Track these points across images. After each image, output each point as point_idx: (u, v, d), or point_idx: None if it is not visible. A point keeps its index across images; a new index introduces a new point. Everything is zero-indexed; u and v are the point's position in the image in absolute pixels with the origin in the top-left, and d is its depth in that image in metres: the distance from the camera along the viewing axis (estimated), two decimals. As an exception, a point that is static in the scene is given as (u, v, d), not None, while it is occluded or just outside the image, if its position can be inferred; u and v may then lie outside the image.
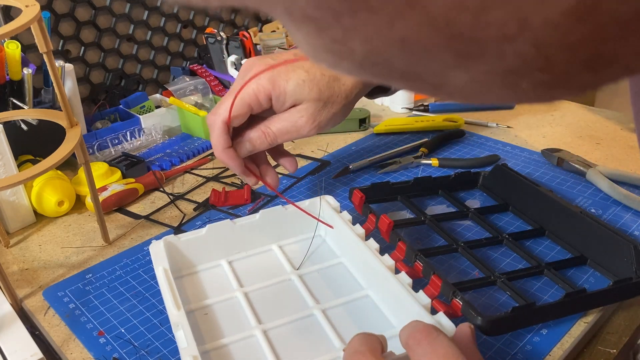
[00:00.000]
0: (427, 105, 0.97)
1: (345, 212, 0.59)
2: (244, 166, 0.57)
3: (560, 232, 0.62)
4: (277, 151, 0.62)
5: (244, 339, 0.49)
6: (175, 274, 0.56)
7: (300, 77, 0.55)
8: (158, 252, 0.55)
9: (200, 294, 0.55)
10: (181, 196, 0.75)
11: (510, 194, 0.68)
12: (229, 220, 0.59)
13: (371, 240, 0.55)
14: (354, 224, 0.57)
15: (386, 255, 0.53)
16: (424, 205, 0.69)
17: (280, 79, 0.54)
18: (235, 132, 0.56)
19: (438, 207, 0.69)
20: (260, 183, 0.59)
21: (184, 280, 0.57)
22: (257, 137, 0.56)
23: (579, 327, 0.51)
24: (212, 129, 0.55)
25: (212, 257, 0.59)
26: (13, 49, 0.74)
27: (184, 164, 0.84)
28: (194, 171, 0.82)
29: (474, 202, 0.70)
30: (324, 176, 0.78)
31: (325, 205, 0.60)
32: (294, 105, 0.56)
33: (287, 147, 0.88)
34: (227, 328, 0.51)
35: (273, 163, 0.62)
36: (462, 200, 0.70)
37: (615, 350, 0.50)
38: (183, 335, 0.45)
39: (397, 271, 0.51)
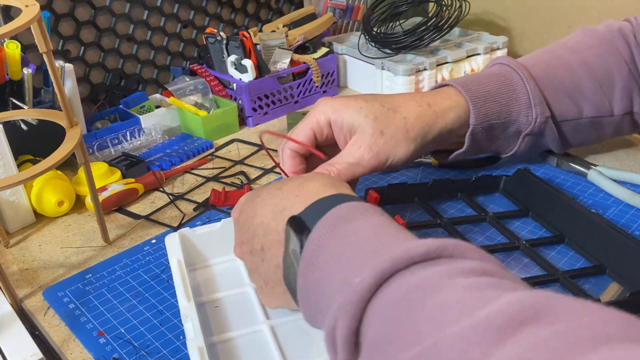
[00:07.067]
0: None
1: None
2: None
3: (580, 240, 0.60)
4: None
5: (251, 333, 0.50)
6: (189, 266, 0.57)
7: (358, 105, 0.58)
8: (173, 244, 0.56)
9: (212, 287, 0.56)
10: (181, 196, 0.75)
11: (531, 199, 0.66)
12: None
13: None
14: None
15: None
16: (442, 208, 0.68)
17: (340, 105, 0.58)
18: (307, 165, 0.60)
19: (456, 211, 0.68)
20: None
21: (197, 273, 0.58)
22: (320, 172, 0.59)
23: (580, 328, 0.50)
24: (281, 156, 0.59)
25: (225, 252, 0.59)
26: (13, 49, 0.74)
27: (184, 164, 0.84)
28: (193, 171, 0.82)
29: (493, 207, 0.68)
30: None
31: None
32: (352, 135, 0.58)
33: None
34: (235, 322, 0.51)
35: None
36: (482, 205, 0.68)
37: (615, 351, 0.50)
38: (191, 327, 0.46)
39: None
